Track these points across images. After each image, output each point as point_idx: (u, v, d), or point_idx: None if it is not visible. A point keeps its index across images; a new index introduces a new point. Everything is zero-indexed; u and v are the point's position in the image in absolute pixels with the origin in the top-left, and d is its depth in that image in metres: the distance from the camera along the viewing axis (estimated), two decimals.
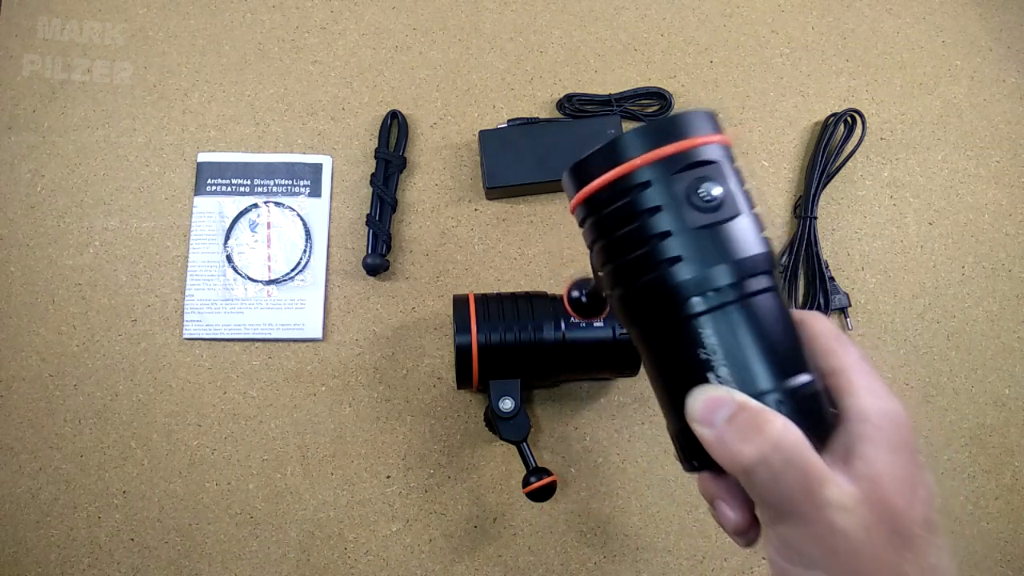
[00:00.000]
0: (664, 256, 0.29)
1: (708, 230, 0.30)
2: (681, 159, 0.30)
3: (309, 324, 0.60)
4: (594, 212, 0.32)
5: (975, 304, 0.62)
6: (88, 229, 0.62)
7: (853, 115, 0.63)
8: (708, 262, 0.29)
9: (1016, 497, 0.59)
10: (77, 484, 0.58)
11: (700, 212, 0.30)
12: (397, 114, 0.64)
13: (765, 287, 0.30)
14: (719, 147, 0.32)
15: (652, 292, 0.30)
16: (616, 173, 0.30)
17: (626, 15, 0.68)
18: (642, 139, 0.30)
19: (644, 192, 0.30)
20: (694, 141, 0.31)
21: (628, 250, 0.30)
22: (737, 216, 0.31)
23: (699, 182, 0.30)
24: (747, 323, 0.29)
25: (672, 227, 0.29)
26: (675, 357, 0.30)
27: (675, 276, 0.29)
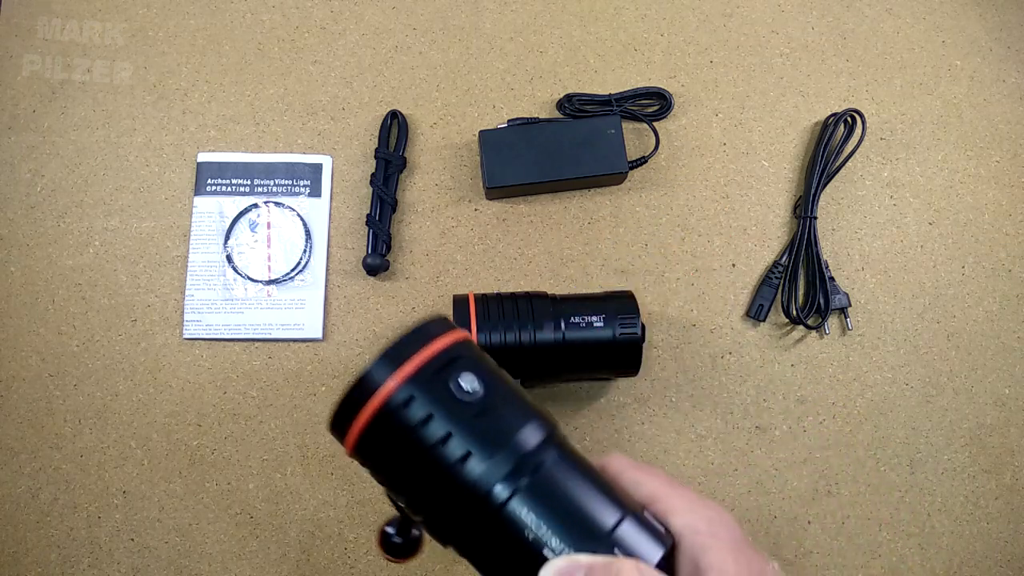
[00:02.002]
0: (453, 459, 0.29)
1: (482, 418, 0.30)
2: (432, 365, 0.31)
3: (309, 324, 0.60)
4: (373, 446, 0.31)
5: (975, 304, 0.62)
6: (88, 229, 0.62)
7: (853, 115, 0.63)
8: (495, 447, 0.29)
9: (1016, 497, 0.59)
10: (77, 484, 0.58)
11: (468, 404, 0.30)
12: (397, 114, 0.64)
13: (557, 447, 0.31)
14: (460, 344, 0.33)
15: (457, 497, 0.29)
16: (378, 402, 0.30)
17: (626, 15, 0.68)
18: (386, 364, 0.31)
19: (410, 407, 0.30)
20: (435, 346, 0.32)
21: (418, 469, 0.30)
22: (503, 393, 0.32)
23: (457, 375, 0.31)
24: (557, 487, 0.30)
25: (450, 428, 0.30)
26: (503, 552, 0.29)
27: (472, 472, 0.29)
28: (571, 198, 0.63)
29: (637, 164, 0.63)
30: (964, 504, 0.59)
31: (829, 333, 0.61)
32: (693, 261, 0.62)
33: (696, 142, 0.65)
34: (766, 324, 0.61)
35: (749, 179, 0.64)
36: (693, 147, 0.65)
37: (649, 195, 0.64)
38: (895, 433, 0.60)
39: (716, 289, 0.62)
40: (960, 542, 0.58)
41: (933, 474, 0.59)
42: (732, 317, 0.61)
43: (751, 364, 0.61)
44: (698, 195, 0.64)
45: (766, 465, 0.59)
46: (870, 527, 0.58)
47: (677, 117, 0.65)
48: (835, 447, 0.59)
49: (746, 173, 0.64)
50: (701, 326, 0.61)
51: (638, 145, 0.65)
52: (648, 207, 0.63)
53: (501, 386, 0.32)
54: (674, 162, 0.64)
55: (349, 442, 0.31)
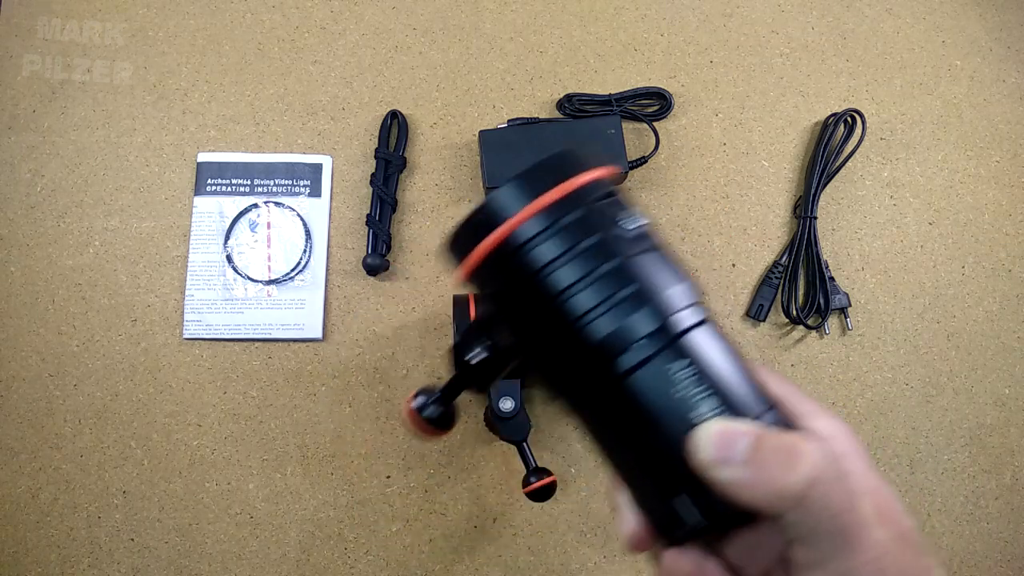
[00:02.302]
0: (613, 293, 0.25)
1: (641, 257, 0.26)
2: (591, 190, 0.27)
3: (309, 324, 0.60)
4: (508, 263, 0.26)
5: (975, 304, 0.62)
6: (88, 229, 0.62)
7: (853, 115, 0.63)
8: (657, 290, 0.26)
9: (1016, 497, 0.59)
10: (77, 484, 0.58)
11: (628, 242, 0.26)
12: (397, 114, 0.64)
13: (707, 314, 0.27)
14: (610, 180, 0.29)
15: (598, 342, 0.25)
16: (538, 205, 0.26)
17: (626, 15, 0.68)
18: (537, 179, 0.26)
19: (561, 230, 0.26)
20: (593, 173, 0.27)
21: (578, 284, 0.25)
22: (659, 246, 0.28)
23: (617, 212, 0.27)
24: (717, 347, 0.26)
25: (604, 262, 0.25)
26: (646, 406, 0.25)
27: (627, 312, 0.25)
28: None
29: (637, 164, 0.63)
30: (964, 504, 0.59)
31: (829, 333, 0.61)
32: (693, 261, 0.62)
33: (696, 142, 0.65)
34: (766, 324, 0.61)
35: (749, 179, 0.64)
36: (693, 147, 0.65)
37: (649, 195, 0.64)
38: (895, 433, 0.60)
39: (716, 289, 0.62)
40: (960, 542, 0.58)
41: (933, 474, 0.59)
42: (732, 317, 0.61)
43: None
44: (698, 195, 0.64)
45: None
46: None
47: (677, 117, 0.65)
48: None
49: (746, 173, 0.64)
50: None
51: (638, 145, 0.65)
52: (648, 207, 0.63)
53: (658, 236, 0.28)
54: (674, 162, 0.64)
55: (468, 265, 0.27)
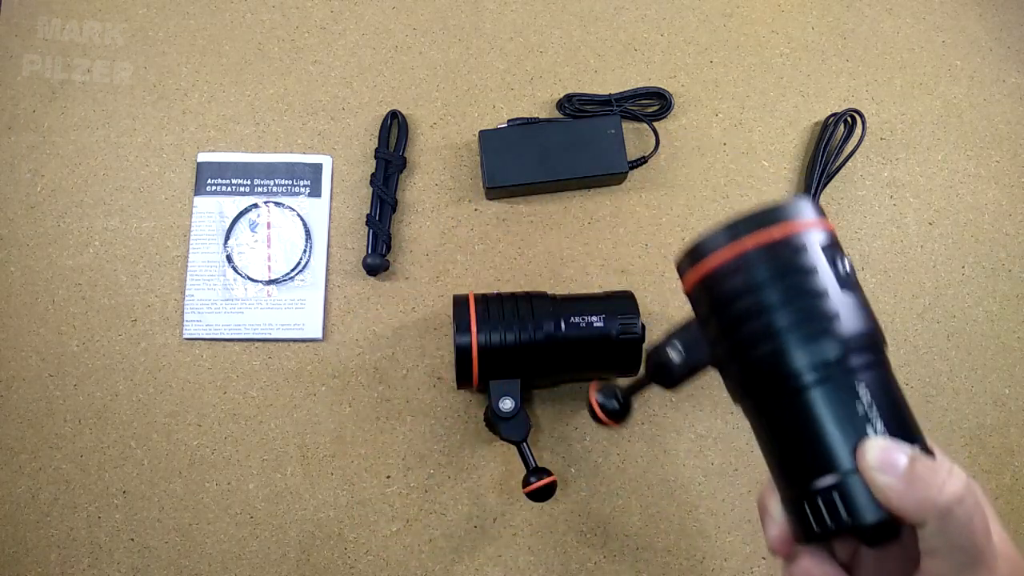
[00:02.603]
0: (829, 312, 0.30)
1: (855, 298, 0.32)
2: (819, 234, 0.32)
3: (309, 324, 0.60)
4: (747, 270, 0.32)
5: (975, 304, 0.62)
6: (88, 229, 0.62)
7: (853, 115, 0.63)
8: (864, 322, 0.31)
9: (1016, 497, 0.59)
10: (77, 484, 0.58)
11: (843, 283, 0.32)
12: (397, 114, 0.64)
13: (886, 357, 0.32)
14: (834, 235, 0.34)
15: (810, 348, 0.30)
16: (767, 237, 0.32)
17: (626, 15, 0.68)
18: (795, 210, 0.32)
19: (795, 256, 0.31)
20: (825, 224, 0.33)
21: (787, 306, 0.31)
22: (862, 295, 0.33)
23: (839, 256, 0.32)
24: (891, 383, 0.31)
25: (830, 288, 0.31)
26: (823, 415, 0.30)
27: (842, 330, 0.30)
28: (571, 198, 0.63)
29: (637, 164, 0.63)
30: None
31: None
32: None
33: (696, 142, 0.65)
34: None
35: (749, 179, 0.64)
36: (693, 147, 0.65)
37: (649, 195, 0.64)
38: None
39: None
40: None
41: None
42: None
43: None
44: (698, 195, 0.64)
45: (766, 465, 0.59)
46: None
47: (677, 117, 0.65)
48: None
49: (746, 173, 0.64)
50: None
51: (638, 145, 0.65)
52: (648, 207, 0.63)
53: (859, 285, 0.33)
54: (674, 162, 0.64)
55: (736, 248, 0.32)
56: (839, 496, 0.29)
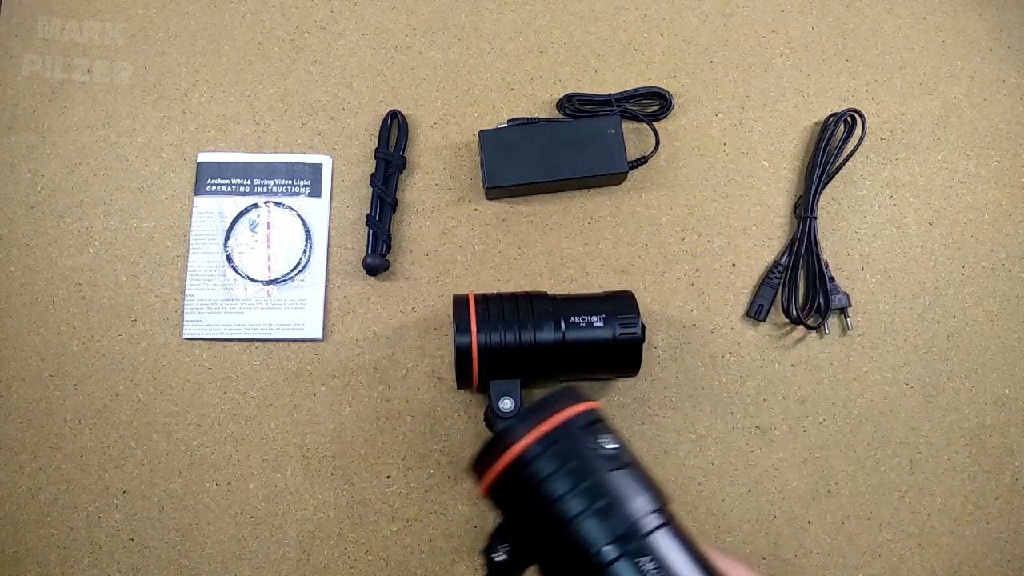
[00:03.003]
0: (595, 500, 0.33)
1: (618, 472, 0.34)
2: (579, 420, 0.35)
3: (309, 324, 0.60)
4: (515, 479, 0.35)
5: (975, 304, 0.62)
6: (88, 229, 0.62)
7: (853, 115, 0.63)
8: (630, 498, 0.33)
9: (1016, 497, 0.59)
10: (77, 484, 0.58)
11: (606, 460, 0.34)
12: (397, 114, 0.64)
13: (671, 516, 0.34)
14: (594, 411, 0.37)
15: (583, 539, 0.32)
16: (536, 434, 0.34)
17: (626, 15, 0.68)
18: (536, 414, 0.35)
19: (563, 445, 0.34)
20: (579, 407, 0.36)
21: (567, 494, 0.33)
22: (631, 463, 0.36)
23: (598, 436, 0.35)
24: (675, 546, 0.33)
25: (590, 476, 0.34)
26: None
27: (606, 516, 0.33)
28: (571, 198, 0.63)
29: (637, 164, 0.63)
30: (964, 504, 0.59)
31: (829, 333, 0.61)
32: (693, 261, 0.62)
33: (696, 142, 0.65)
34: (766, 324, 0.61)
35: (749, 179, 0.64)
36: (693, 147, 0.65)
37: (649, 195, 0.64)
38: (895, 433, 0.60)
39: (716, 289, 0.62)
40: (960, 542, 0.58)
41: (933, 474, 0.59)
42: (732, 317, 0.61)
43: (751, 364, 0.61)
44: (698, 195, 0.64)
45: (766, 465, 0.59)
46: (870, 527, 0.58)
47: (677, 117, 0.65)
48: (835, 447, 0.59)
49: (746, 173, 0.64)
50: (701, 326, 0.61)
51: (638, 145, 0.65)
52: (648, 207, 0.63)
53: (630, 455, 0.36)
54: (674, 162, 0.64)
55: (485, 483, 0.35)
56: None
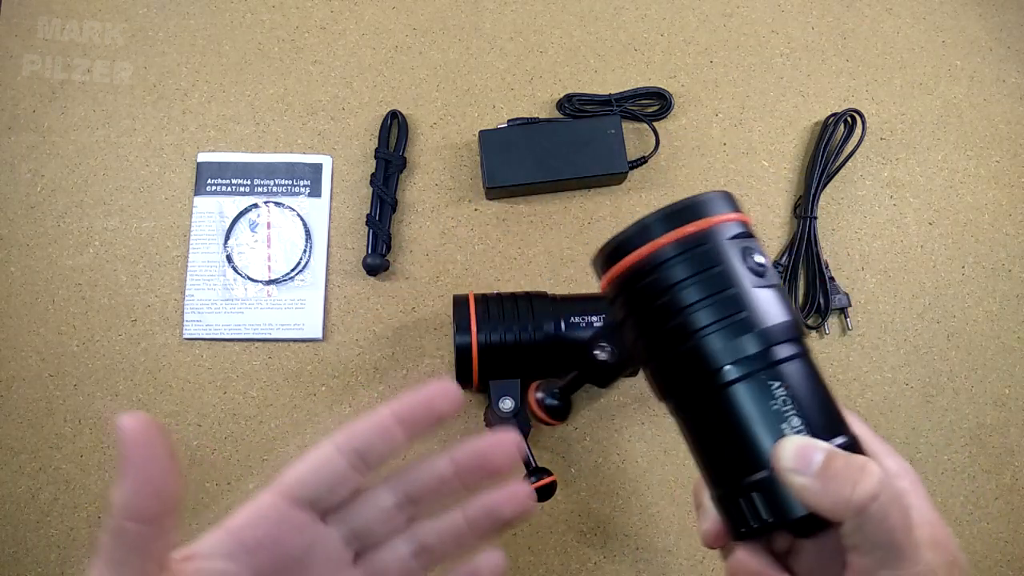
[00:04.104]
0: (740, 309, 0.30)
1: (764, 290, 0.31)
2: (733, 228, 0.32)
3: (309, 324, 0.60)
4: (660, 268, 0.32)
5: (975, 304, 0.62)
6: (88, 229, 0.62)
7: (853, 115, 0.63)
8: (773, 319, 0.30)
9: (1016, 497, 0.59)
10: (77, 484, 0.58)
11: (754, 275, 0.31)
12: (397, 114, 0.64)
13: (807, 349, 0.32)
14: (746, 224, 0.34)
15: (715, 351, 0.30)
16: (679, 234, 0.31)
17: (626, 15, 0.68)
18: (685, 213, 0.32)
19: (707, 251, 0.31)
20: (733, 216, 0.33)
21: (702, 302, 0.31)
22: (778, 285, 0.33)
23: (748, 250, 0.32)
24: (809, 377, 0.31)
25: (735, 285, 0.31)
26: (741, 413, 0.30)
27: (746, 330, 0.30)
28: (571, 198, 0.63)
29: (637, 164, 0.63)
30: (964, 504, 0.59)
31: (829, 333, 0.61)
32: None
33: (696, 142, 0.65)
34: None
35: (749, 179, 0.64)
36: (693, 147, 0.65)
37: (649, 195, 0.64)
38: (895, 433, 0.60)
39: None
40: (960, 542, 0.58)
41: (933, 474, 0.59)
42: None
43: None
44: None
45: None
46: None
47: (677, 117, 0.65)
48: None
49: (746, 173, 0.64)
50: None
51: (638, 145, 0.65)
52: (648, 207, 0.63)
53: (777, 277, 0.33)
54: (674, 162, 0.64)
55: (648, 248, 0.32)
56: (762, 495, 0.29)
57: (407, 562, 0.30)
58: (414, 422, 0.30)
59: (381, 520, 0.30)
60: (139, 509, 0.25)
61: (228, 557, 0.28)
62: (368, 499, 0.30)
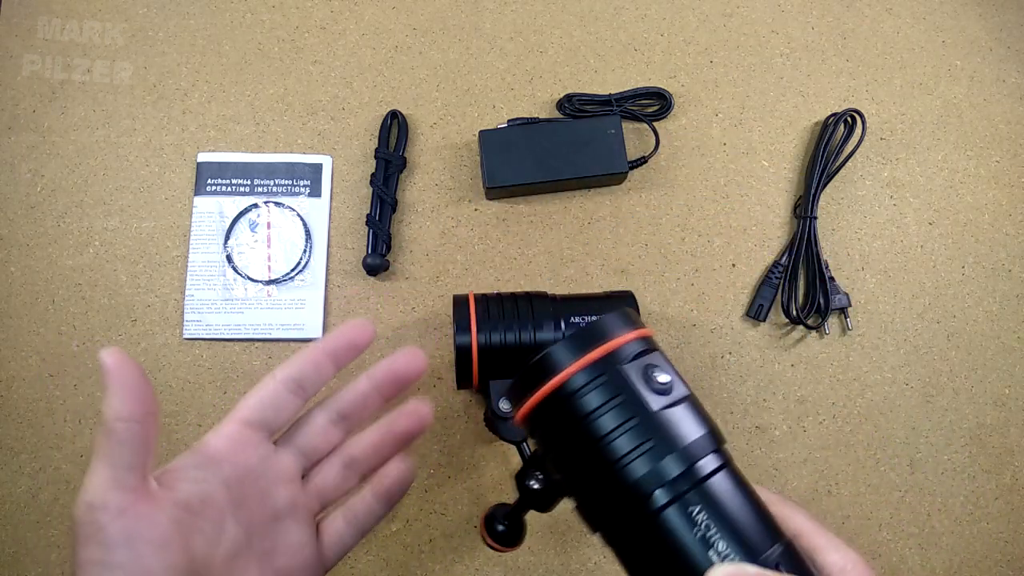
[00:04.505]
0: (645, 441, 0.30)
1: (672, 409, 0.31)
2: (629, 349, 0.32)
3: (309, 324, 0.60)
4: (555, 411, 0.32)
5: (975, 304, 0.62)
6: (88, 229, 0.62)
7: (853, 115, 0.63)
8: (684, 439, 0.30)
9: (1016, 497, 0.59)
10: (77, 484, 0.57)
11: (659, 395, 0.31)
12: (397, 114, 0.64)
13: (727, 459, 0.31)
14: (647, 339, 0.34)
15: (630, 484, 0.30)
16: (581, 364, 0.31)
17: (626, 15, 0.68)
18: (583, 340, 0.31)
19: (602, 384, 0.31)
20: (631, 334, 0.33)
21: (613, 433, 0.30)
22: (688, 397, 0.32)
23: (650, 369, 0.31)
24: (730, 492, 0.30)
25: (639, 413, 0.30)
26: (667, 546, 0.29)
27: (657, 458, 0.29)
28: (571, 198, 0.63)
29: (637, 164, 0.63)
30: (964, 504, 0.59)
31: (829, 333, 0.61)
32: (693, 261, 0.62)
33: (696, 142, 0.65)
34: (766, 324, 0.61)
35: (749, 179, 0.64)
36: (693, 147, 0.65)
37: (649, 195, 0.64)
38: (895, 433, 0.60)
39: (716, 289, 0.62)
40: (960, 542, 0.58)
41: (933, 474, 0.59)
42: (732, 317, 0.61)
43: (751, 364, 0.61)
44: (698, 195, 0.64)
45: (766, 465, 0.59)
46: (870, 527, 0.58)
47: (677, 117, 0.65)
48: (835, 447, 0.59)
49: (746, 173, 0.64)
50: (701, 326, 0.61)
51: (638, 145, 0.65)
52: (648, 207, 0.63)
53: (685, 388, 0.32)
54: (674, 162, 0.64)
55: (541, 394, 0.32)
56: None
57: (341, 473, 0.37)
58: (340, 356, 0.36)
59: (319, 436, 0.37)
60: (126, 410, 0.30)
61: (199, 468, 0.33)
62: (307, 420, 0.37)
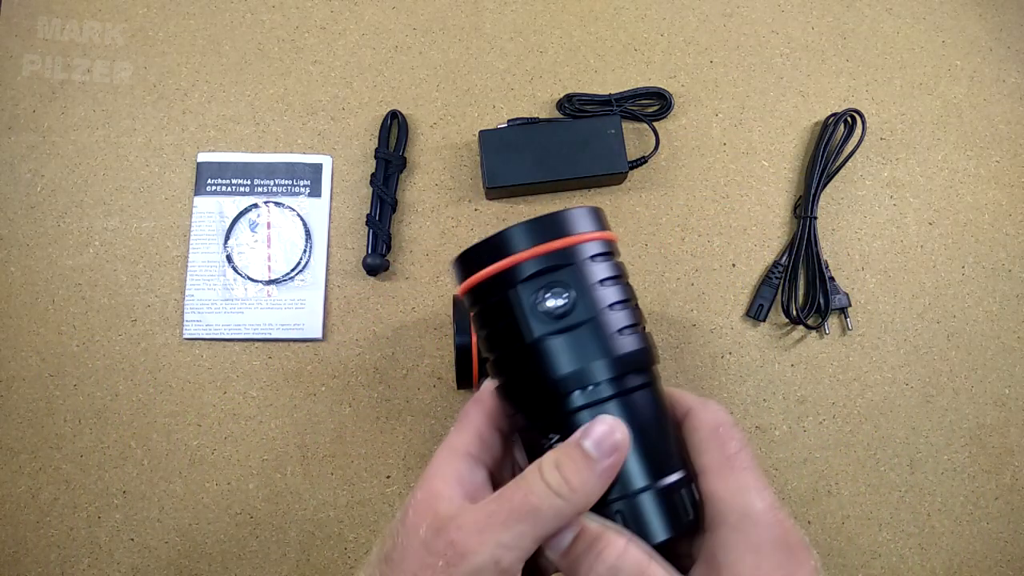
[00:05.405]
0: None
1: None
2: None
3: (309, 324, 0.60)
4: (478, 302, 0.33)
5: (975, 304, 0.62)
6: (88, 229, 0.62)
7: (853, 115, 0.63)
8: (586, 358, 0.30)
9: (1016, 497, 0.59)
10: (77, 484, 0.58)
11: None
12: (397, 114, 0.64)
13: (642, 383, 0.31)
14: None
15: (532, 386, 0.31)
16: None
17: (626, 15, 0.68)
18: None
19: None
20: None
21: (508, 342, 0.31)
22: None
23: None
24: (648, 411, 0.30)
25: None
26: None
27: (555, 371, 0.30)
28: (571, 198, 0.63)
29: (637, 164, 0.63)
30: (964, 504, 0.59)
31: (829, 333, 0.61)
32: (693, 261, 0.62)
33: (696, 142, 0.65)
34: (766, 324, 0.61)
35: (749, 179, 0.64)
36: (693, 147, 0.65)
37: (649, 195, 0.64)
38: (895, 433, 0.60)
39: (716, 289, 0.62)
40: (960, 542, 0.58)
41: (933, 474, 0.59)
42: (732, 317, 0.61)
43: (751, 364, 0.61)
44: (698, 195, 0.64)
45: (766, 465, 0.59)
46: (870, 527, 0.58)
47: (677, 117, 0.65)
48: (835, 447, 0.59)
49: (746, 173, 0.64)
50: (701, 326, 0.61)
51: (638, 145, 0.65)
52: (648, 207, 0.63)
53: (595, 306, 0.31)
54: (674, 162, 0.64)
55: (464, 287, 0.32)
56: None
57: None
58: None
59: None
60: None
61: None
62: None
